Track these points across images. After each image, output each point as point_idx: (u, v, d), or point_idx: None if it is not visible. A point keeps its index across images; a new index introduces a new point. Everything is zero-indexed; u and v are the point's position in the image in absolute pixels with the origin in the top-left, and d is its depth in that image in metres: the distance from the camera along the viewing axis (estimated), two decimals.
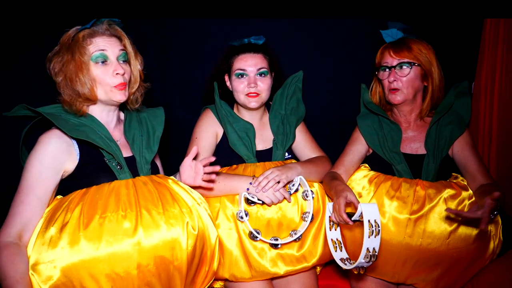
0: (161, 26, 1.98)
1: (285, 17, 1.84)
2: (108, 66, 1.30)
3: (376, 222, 1.24)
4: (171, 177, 1.40)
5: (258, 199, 1.46)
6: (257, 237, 1.45)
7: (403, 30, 1.57)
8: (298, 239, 1.50)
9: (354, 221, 1.34)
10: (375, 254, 1.25)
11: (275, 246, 1.48)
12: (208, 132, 1.68)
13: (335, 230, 1.53)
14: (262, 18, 1.83)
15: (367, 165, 1.66)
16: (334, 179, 1.52)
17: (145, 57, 1.46)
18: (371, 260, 1.26)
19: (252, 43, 1.67)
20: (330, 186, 1.49)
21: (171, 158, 2.03)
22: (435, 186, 1.47)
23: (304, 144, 1.76)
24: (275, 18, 1.85)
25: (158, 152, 1.48)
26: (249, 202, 1.47)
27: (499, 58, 1.74)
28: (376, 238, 1.24)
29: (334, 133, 2.08)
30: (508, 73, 1.72)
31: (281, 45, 1.87)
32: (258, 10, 1.77)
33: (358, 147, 1.65)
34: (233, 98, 1.71)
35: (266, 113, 1.78)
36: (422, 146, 1.57)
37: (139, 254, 1.14)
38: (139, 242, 1.14)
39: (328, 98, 2.08)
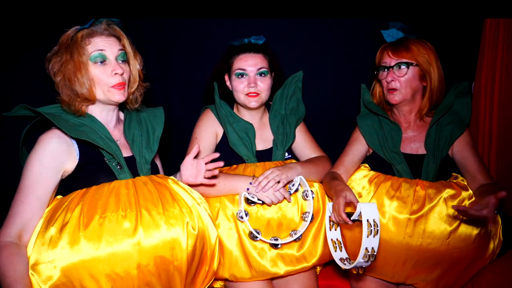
0: (161, 26, 1.98)
1: (285, 17, 1.84)
2: (106, 66, 1.30)
3: (375, 221, 1.23)
4: (171, 177, 1.40)
5: (258, 199, 1.46)
6: (257, 237, 1.45)
7: (403, 30, 1.57)
8: (298, 239, 1.50)
9: (353, 220, 1.34)
10: (374, 254, 1.25)
11: (275, 246, 1.48)
12: (208, 132, 1.68)
13: (335, 230, 1.53)
14: (262, 18, 1.83)
15: (367, 165, 1.66)
16: (334, 179, 1.52)
17: (145, 57, 1.46)
18: (370, 260, 1.26)
19: (252, 43, 1.67)
20: (330, 186, 1.49)
21: (171, 158, 2.03)
22: (435, 186, 1.47)
23: (304, 144, 1.76)
24: (275, 18, 1.85)
25: (158, 152, 1.48)
26: (249, 202, 1.47)
27: (499, 58, 1.74)
28: (375, 238, 1.23)
29: (334, 133, 2.08)
30: (508, 73, 1.72)
31: (281, 45, 1.87)
32: (258, 10, 1.77)
33: (358, 147, 1.65)
34: (233, 98, 1.71)
35: (266, 113, 1.78)
36: (422, 146, 1.57)
37: (139, 254, 1.14)
38: (139, 242, 1.14)
39: (328, 98, 2.08)
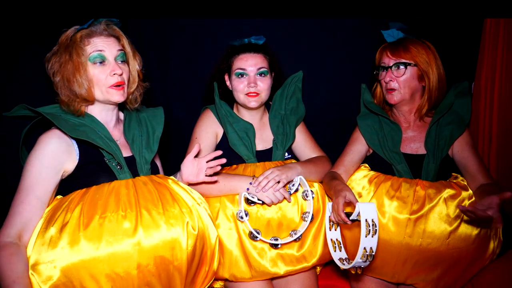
0: (161, 26, 1.98)
1: (285, 17, 1.84)
2: (106, 66, 1.29)
3: (373, 221, 1.23)
4: (171, 177, 1.40)
5: (258, 199, 1.46)
6: (257, 237, 1.45)
7: (403, 30, 1.58)
8: (298, 239, 1.50)
9: (352, 220, 1.34)
10: (372, 254, 1.25)
11: (275, 246, 1.48)
12: (208, 132, 1.68)
13: (335, 230, 1.53)
14: (262, 18, 1.83)
15: (367, 165, 1.66)
16: (334, 179, 1.52)
17: (145, 57, 1.46)
18: (368, 260, 1.26)
19: (252, 43, 1.67)
20: (329, 186, 1.49)
21: (171, 158, 2.03)
22: (435, 186, 1.47)
23: (304, 144, 1.76)
24: (275, 18, 1.85)
25: (158, 152, 1.48)
26: (249, 202, 1.47)
27: (499, 58, 1.74)
28: (373, 237, 1.23)
29: (334, 133, 2.08)
30: (508, 73, 1.72)
31: (281, 45, 1.87)
32: (258, 10, 1.77)
33: (358, 147, 1.65)
34: (233, 98, 1.71)
35: (266, 113, 1.78)
36: (422, 146, 1.57)
37: (139, 254, 1.14)
38: (139, 242, 1.14)
39: (328, 98, 2.08)
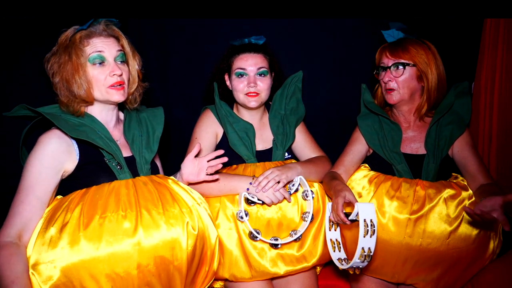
0: (161, 26, 1.98)
1: (285, 17, 1.84)
2: (105, 67, 1.29)
3: (372, 222, 1.23)
4: (171, 177, 1.40)
5: (258, 199, 1.46)
6: (257, 237, 1.45)
7: (403, 30, 1.58)
8: (298, 239, 1.50)
9: (351, 220, 1.33)
10: (370, 254, 1.24)
11: (275, 246, 1.48)
12: (208, 132, 1.68)
13: (335, 231, 1.53)
14: (262, 18, 1.83)
15: (367, 165, 1.66)
16: (333, 179, 1.52)
17: (145, 57, 1.46)
18: (366, 260, 1.25)
19: (252, 43, 1.67)
20: (329, 186, 1.49)
21: (171, 158, 2.03)
22: (435, 186, 1.47)
23: (304, 144, 1.76)
24: (275, 18, 1.85)
25: (158, 152, 1.48)
26: (249, 202, 1.47)
27: (499, 58, 1.74)
28: (371, 238, 1.23)
29: (334, 133, 2.08)
30: (508, 73, 1.72)
31: (281, 45, 1.87)
32: (258, 10, 1.77)
33: (358, 147, 1.65)
34: (232, 98, 1.71)
35: (266, 113, 1.78)
36: (422, 146, 1.57)
37: (139, 254, 1.14)
38: (139, 242, 1.14)
39: (328, 98, 2.08)
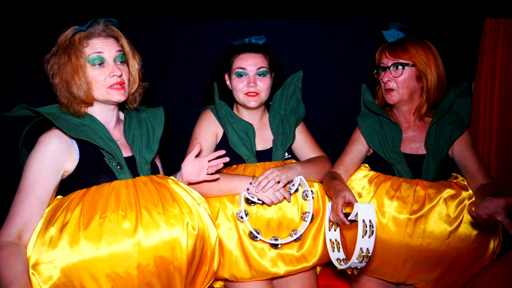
0: (161, 26, 1.98)
1: (285, 17, 1.84)
2: (105, 68, 1.29)
3: (371, 222, 1.23)
4: (171, 177, 1.40)
5: (258, 199, 1.46)
6: (257, 237, 1.45)
7: (403, 30, 1.58)
8: (298, 239, 1.50)
9: (351, 221, 1.33)
10: (369, 255, 1.24)
11: (275, 246, 1.48)
12: (208, 132, 1.68)
13: (335, 231, 1.53)
14: (262, 18, 1.83)
15: (367, 165, 1.66)
16: (333, 179, 1.52)
17: (145, 57, 1.46)
18: (364, 260, 1.25)
19: (252, 43, 1.67)
20: (329, 186, 1.49)
21: (171, 158, 2.03)
22: (435, 186, 1.47)
23: (304, 144, 1.76)
24: (275, 18, 1.85)
25: (158, 152, 1.48)
26: (249, 202, 1.47)
27: (499, 58, 1.74)
28: (370, 238, 1.23)
29: (334, 133, 2.08)
30: (508, 73, 1.72)
31: (281, 45, 1.87)
32: (258, 10, 1.77)
33: (358, 147, 1.65)
34: (233, 98, 1.71)
35: (266, 113, 1.78)
36: (422, 146, 1.57)
37: (139, 254, 1.14)
38: (139, 242, 1.14)
39: (328, 98, 2.08)
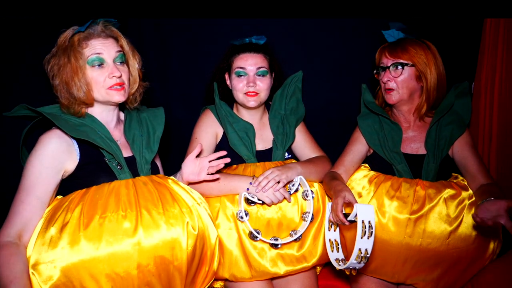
0: (161, 26, 1.98)
1: (285, 17, 1.84)
2: (104, 69, 1.29)
3: (370, 223, 1.23)
4: (171, 177, 1.40)
5: (258, 199, 1.46)
6: (257, 237, 1.45)
7: (403, 30, 1.58)
8: (298, 239, 1.50)
9: (350, 221, 1.33)
10: (367, 256, 1.24)
11: (275, 246, 1.48)
12: (208, 132, 1.68)
13: (334, 231, 1.53)
14: (262, 18, 1.83)
15: (367, 165, 1.66)
16: (334, 179, 1.52)
17: (145, 57, 1.46)
18: (363, 261, 1.25)
19: (253, 43, 1.67)
20: (329, 186, 1.49)
21: (171, 158, 2.03)
22: (435, 186, 1.47)
23: (304, 144, 1.76)
24: (275, 18, 1.85)
25: (158, 152, 1.48)
26: (249, 202, 1.47)
27: (499, 58, 1.74)
28: (369, 239, 1.23)
29: (334, 133, 2.08)
30: (508, 73, 1.72)
31: (281, 45, 1.87)
32: (258, 10, 1.77)
33: (358, 147, 1.65)
34: (233, 98, 1.71)
35: (266, 113, 1.78)
36: (422, 146, 1.57)
37: (139, 254, 1.14)
38: (139, 242, 1.14)
39: (328, 98, 2.08)
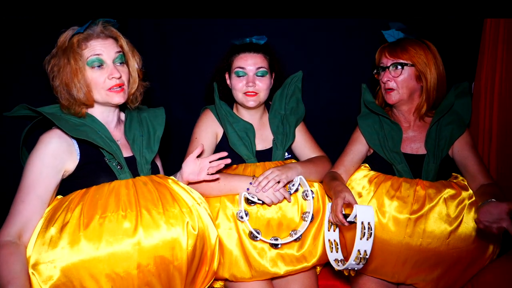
0: (161, 26, 1.98)
1: (285, 17, 1.84)
2: (104, 70, 1.29)
3: (369, 224, 1.23)
4: (171, 177, 1.40)
5: (258, 199, 1.46)
6: (257, 237, 1.45)
7: (403, 30, 1.58)
8: (298, 239, 1.50)
9: (350, 222, 1.33)
10: (366, 257, 1.24)
11: (275, 246, 1.48)
12: (208, 132, 1.68)
13: (334, 231, 1.53)
14: (262, 18, 1.83)
15: (367, 165, 1.66)
16: (334, 180, 1.52)
17: (145, 57, 1.46)
18: (362, 262, 1.25)
19: (253, 43, 1.67)
20: (329, 187, 1.49)
21: (171, 158, 2.03)
22: (435, 186, 1.47)
23: (304, 144, 1.76)
24: (275, 18, 1.85)
25: (158, 152, 1.48)
26: (249, 202, 1.47)
27: (499, 58, 1.74)
28: (368, 241, 1.23)
29: (334, 133, 2.08)
30: (508, 73, 1.72)
31: (281, 45, 1.87)
32: (258, 10, 1.78)
33: (358, 147, 1.65)
34: (233, 97, 1.71)
35: (266, 113, 1.78)
36: (422, 146, 1.57)
37: (139, 254, 1.14)
38: (139, 242, 1.14)
39: (328, 98, 2.08)
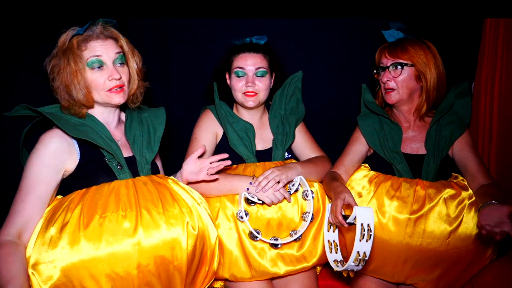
0: (161, 26, 1.98)
1: (285, 17, 1.85)
2: (104, 71, 1.29)
3: (369, 226, 1.23)
4: (171, 177, 1.40)
5: (258, 199, 1.46)
6: (257, 237, 1.45)
7: (403, 30, 1.58)
8: (298, 239, 1.50)
9: (349, 223, 1.33)
10: (365, 258, 1.24)
11: (275, 246, 1.48)
12: (208, 132, 1.68)
13: (333, 232, 1.53)
14: (262, 18, 1.83)
15: (367, 165, 1.66)
16: (334, 180, 1.51)
17: (145, 57, 1.46)
18: (361, 264, 1.25)
19: (253, 43, 1.67)
20: (329, 187, 1.49)
21: (171, 158, 2.03)
22: (435, 186, 1.47)
23: (304, 144, 1.76)
24: (275, 18, 1.85)
25: (159, 152, 1.48)
26: (249, 202, 1.47)
27: (499, 58, 1.74)
28: (367, 242, 1.23)
29: (334, 133, 2.08)
30: (508, 73, 1.72)
31: (281, 45, 1.87)
32: (258, 10, 1.78)
33: (358, 147, 1.65)
34: (233, 97, 1.71)
35: (266, 113, 1.78)
36: (422, 146, 1.57)
37: (139, 254, 1.14)
38: (139, 242, 1.14)
39: (328, 98, 2.08)
